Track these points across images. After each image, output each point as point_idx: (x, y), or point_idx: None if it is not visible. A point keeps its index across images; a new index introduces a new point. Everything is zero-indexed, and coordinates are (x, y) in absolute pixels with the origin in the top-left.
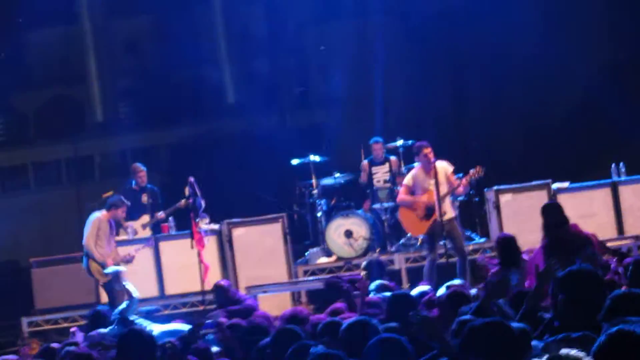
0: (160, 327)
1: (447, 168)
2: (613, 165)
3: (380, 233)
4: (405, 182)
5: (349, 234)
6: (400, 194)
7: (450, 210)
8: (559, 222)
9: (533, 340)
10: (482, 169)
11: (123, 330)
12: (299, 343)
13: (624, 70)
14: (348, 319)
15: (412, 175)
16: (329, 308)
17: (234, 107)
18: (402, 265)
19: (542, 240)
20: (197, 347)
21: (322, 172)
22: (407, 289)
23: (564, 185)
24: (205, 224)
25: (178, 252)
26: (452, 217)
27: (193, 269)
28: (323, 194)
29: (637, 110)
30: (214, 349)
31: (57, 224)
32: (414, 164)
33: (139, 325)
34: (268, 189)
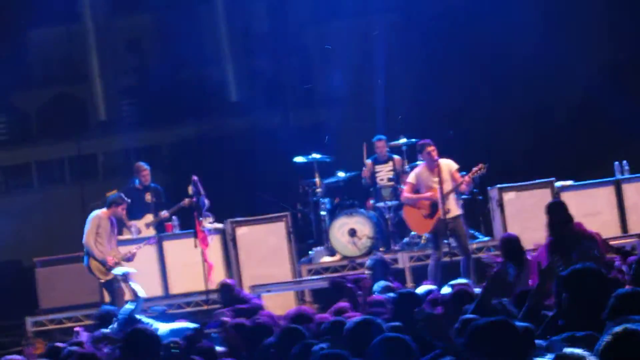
0: (166, 326)
1: (451, 166)
2: (616, 164)
3: (384, 232)
4: (409, 180)
5: (353, 233)
6: (404, 193)
7: (455, 208)
8: (564, 220)
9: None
10: (484, 166)
11: (127, 329)
12: (303, 342)
13: (626, 69)
14: (352, 318)
15: (416, 174)
16: (333, 307)
17: (237, 105)
18: (406, 264)
19: (546, 239)
20: (201, 346)
21: (325, 170)
22: (411, 288)
23: (568, 184)
24: (209, 223)
25: (182, 251)
26: (456, 215)
27: (197, 268)
28: (327, 193)
29: None
30: (219, 349)
31: (60, 223)
32: (418, 162)
33: (144, 324)
34: (271, 188)
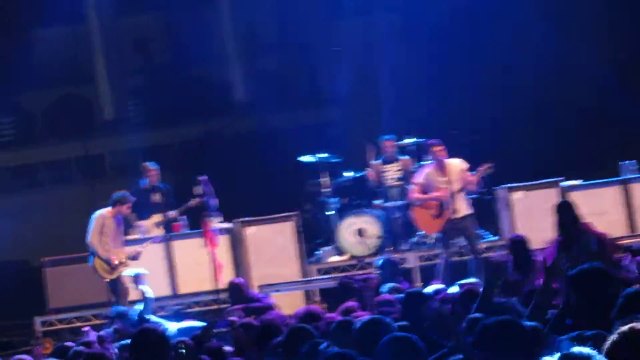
0: (177, 325)
1: (460, 165)
2: (624, 163)
3: (392, 231)
4: (418, 180)
5: (361, 233)
6: (413, 193)
7: (465, 208)
8: (573, 220)
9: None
10: (490, 166)
11: (136, 329)
12: (312, 342)
13: (635, 69)
14: (362, 318)
15: (424, 174)
16: (342, 307)
17: (243, 105)
18: (414, 264)
19: (555, 238)
20: (210, 346)
21: (333, 170)
22: (419, 288)
23: (575, 183)
24: (218, 223)
25: (190, 251)
26: (466, 214)
27: (205, 268)
28: (335, 193)
29: None
30: (227, 348)
31: (68, 223)
32: (425, 162)
33: (153, 323)
34: (279, 188)
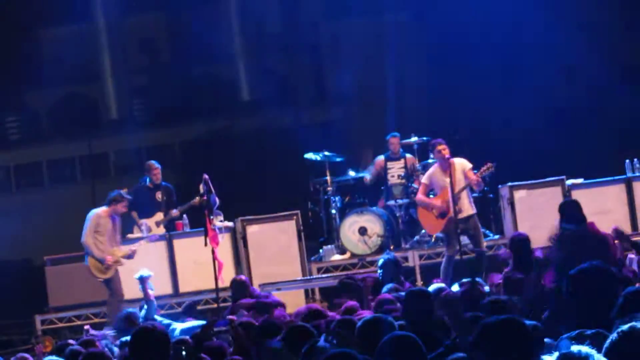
0: (182, 325)
1: (465, 165)
2: (627, 162)
3: (395, 230)
4: (423, 180)
5: (364, 231)
6: (418, 194)
7: (469, 207)
8: (577, 219)
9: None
10: (492, 166)
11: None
12: (313, 340)
13: (638, 67)
14: (364, 316)
15: (429, 174)
16: (343, 306)
17: (249, 104)
18: (416, 262)
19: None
20: (210, 344)
21: (336, 169)
22: (421, 287)
23: (578, 182)
24: (220, 222)
25: (192, 249)
26: (470, 214)
27: (207, 267)
28: (337, 191)
29: None
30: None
31: (71, 222)
32: (429, 161)
33: (156, 322)
34: (282, 186)
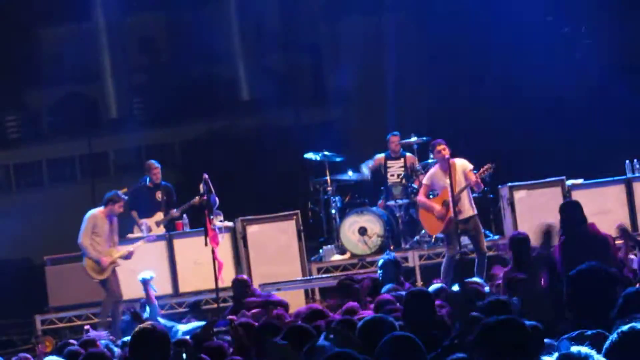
0: (185, 327)
1: (465, 166)
2: (627, 162)
3: (395, 230)
4: (424, 181)
5: (363, 231)
6: (419, 195)
7: (469, 208)
8: (578, 220)
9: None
10: (491, 167)
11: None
12: (314, 341)
13: (638, 67)
14: (365, 317)
15: (430, 175)
16: (344, 307)
17: (248, 103)
18: (416, 263)
19: (559, 238)
20: (210, 344)
21: (336, 169)
22: (422, 287)
23: (578, 182)
24: (220, 222)
25: (192, 249)
26: (471, 215)
27: (207, 267)
28: (337, 191)
29: None
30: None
31: (71, 221)
32: (429, 161)
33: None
34: (282, 186)
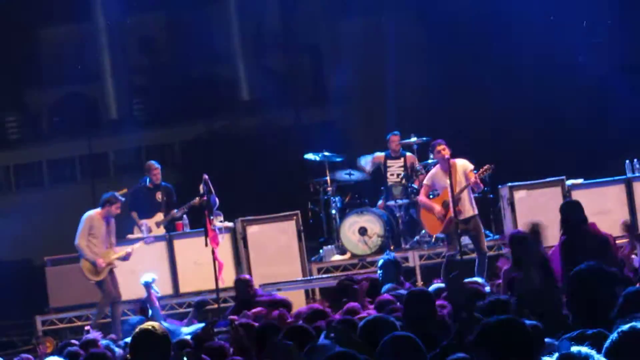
0: (189, 329)
1: (466, 166)
2: (627, 162)
3: (395, 230)
4: (426, 182)
5: (364, 231)
6: (420, 195)
7: (470, 208)
8: (578, 220)
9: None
10: (490, 167)
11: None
12: (314, 341)
13: (638, 67)
14: (367, 316)
15: (431, 175)
16: (345, 307)
17: (248, 104)
18: (416, 263)
19: (560, 238)
20: (211, 345)
21: (336, 169)
22: (422, 287)
23: (578, 182)
24: (220, 222)
25: (192, 250)
26: (472, 215)
27: (207, 267)
28: (337, 191)
29: None
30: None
31: (71, 222)
32: (429, 161)
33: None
34: (282, 187)
